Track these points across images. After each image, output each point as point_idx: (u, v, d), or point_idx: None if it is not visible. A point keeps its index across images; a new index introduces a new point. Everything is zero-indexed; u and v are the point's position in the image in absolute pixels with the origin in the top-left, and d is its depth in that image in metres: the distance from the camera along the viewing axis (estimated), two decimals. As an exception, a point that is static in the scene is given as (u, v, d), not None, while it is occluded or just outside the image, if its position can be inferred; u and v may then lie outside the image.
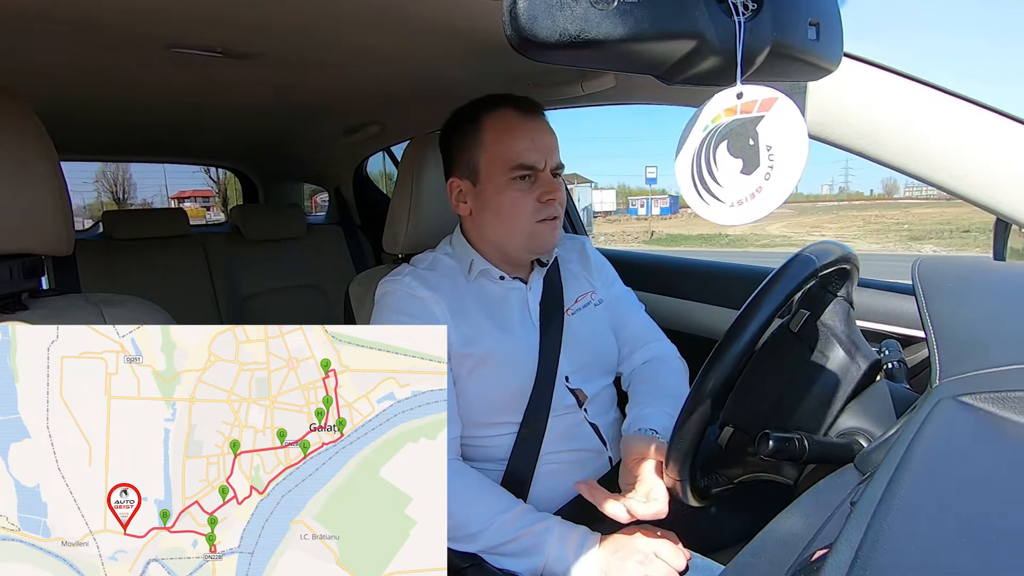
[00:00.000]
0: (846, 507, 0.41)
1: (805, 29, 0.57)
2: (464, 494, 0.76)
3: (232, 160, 2.51)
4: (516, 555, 0.72)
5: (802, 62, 0.60)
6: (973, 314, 0.54)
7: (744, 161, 0.56)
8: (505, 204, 0.85)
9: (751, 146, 0.56)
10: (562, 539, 0.72)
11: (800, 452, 0.54)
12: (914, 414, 0.45)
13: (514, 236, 0.87)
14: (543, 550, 0.72)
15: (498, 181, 0.85)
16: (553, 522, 0.74)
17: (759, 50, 0.53)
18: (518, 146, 0.84)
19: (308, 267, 2.13)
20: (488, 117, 0.86)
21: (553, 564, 0.71)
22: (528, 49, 0.44)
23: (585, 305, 0.96)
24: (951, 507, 0.32)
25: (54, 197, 0.64)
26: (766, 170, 0.55)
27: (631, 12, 0.44)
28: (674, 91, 0.95)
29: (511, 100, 0.87)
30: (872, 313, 0.98)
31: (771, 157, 0.55)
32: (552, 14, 0.43)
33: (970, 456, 0.37)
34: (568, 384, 0.89)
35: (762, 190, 0.55)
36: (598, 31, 0.44)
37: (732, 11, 0.49)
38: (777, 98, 0.54)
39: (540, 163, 0.84)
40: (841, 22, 0.63)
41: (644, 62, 0.51)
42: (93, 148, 2.12)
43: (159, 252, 1.90)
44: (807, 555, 0.37)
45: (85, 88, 1.19)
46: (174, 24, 0.84)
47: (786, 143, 0.54)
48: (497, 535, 0.73)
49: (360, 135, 1.70)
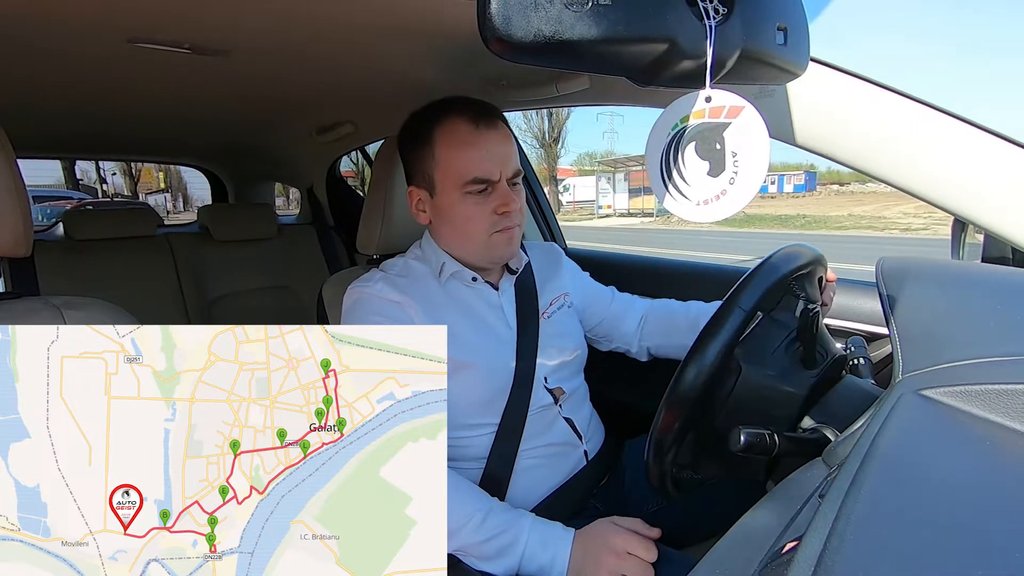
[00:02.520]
0: (815, 500, 0.43)
1: (774, 34, 0.59)
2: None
3: (200, 159, 2.45)
4: (491, 557, 0.72)
5: (770, 66, 0.62)
6: (934, 311, 0.56)
7: (711, 164, 0.58)
8: (460, 218, 0.84)
9: (717, 150, 0.58)
10: (535, 538, 0.72)
11: (771, 447, 0.55)
12: (878, 408, 0.47)
13: (471, 248, 0.87)
14: (516, 550, 0.72)
15: (452, 195, 0.83)
16: (527, 521, 0.74)
17: (729, 54, 0.55)
18: (471, 159, 0.81)
19: (280, 268, 2.09)
20: (440, 129, 0.83)
21: (527, 564, 0.71)
22: (502, 50, 0.45)
23: (559, 307, 0.97)
24: (915, 498, 0.33)
25: (11, 196, 0.62)
26: (731, 175, 0.58)
27: (605, 14, 0.45)
28: (648, 93, 0.96)
29: (463, 108, 0.84)
30: (838, 311, 1.01)
31: (736, 163, 0.57)
32: (526, 15, 0.43)
33: (932, 449, 0.38)
34: (547, 384, 0.90)
35: (727, 193, 0.58)
36: (572, 32, 0.44)
37: (703, 15, 0.50)
38: (744, 107, 0.56)
39: (495, 174, 0.82)
40: (808, 27, 0.65)
41: (618, 64, 0.52)
42: (52, 145, 2.04)
43: (123, 253, 1.83)
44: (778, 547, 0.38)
45: (43, 83, 1.14)
46: (137, 17, 0.81)
47: (750, 151, 0.57)
48: (471, 535, 0.72)
49: (333, 134, 1.68)
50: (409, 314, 0.83)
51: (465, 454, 0.86)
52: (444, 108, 0.85)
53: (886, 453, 0.37)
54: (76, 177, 20.51)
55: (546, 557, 0.71)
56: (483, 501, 0.76)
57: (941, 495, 0.33)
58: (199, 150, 2.28)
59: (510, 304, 0.92)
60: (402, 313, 0.83)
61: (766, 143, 0.56)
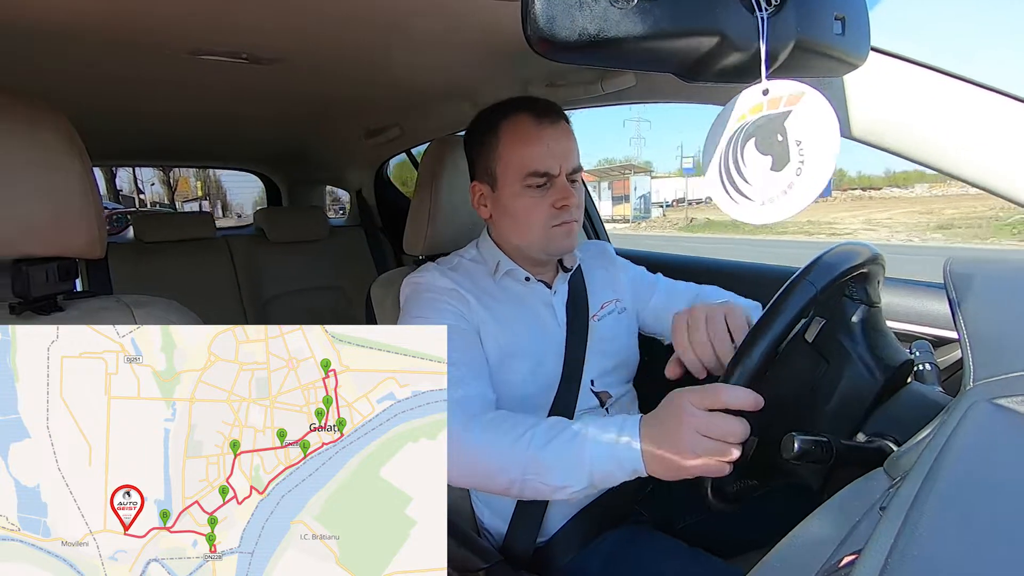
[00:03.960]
0: (875, 512, 0.40)
1: (831, 23, 0.56)
2: (495, 435, 0.68)
3: (256, 164, 2.56)
4: (556, 468, 0.64)
5: (828, 57, 0.59)
6: (1007, 314, 0.52)
7: (773, 158, 0.55)
8: (520, 210, 0.86)
9: (780, 142, 0.54)
10: (598, 434, 0.63)
11: (827, 455, 0.53)
12: (947, 417, 0.44)
13: (530, 241, 0.88)
14: (582, 456, 0.63)
15: (513, 188, 0.85)
16: (583, 420, 0.66)
17: (783, 46, 0.52)
18: (532, 153, 0.84)
19: (330, 269, 2.16)
20: (504, 124, 0.86)
21: (596, 465, 0.62)
22: (547, 49, 0.44)
23: (610, 312, 0.96)
24: (984, 513, 0.31)
25: (87, 202, 0.66)
26: (797, 165, 0.53)
27: (650, 10, 0.44)
28: (696, 89, 0.94)
29: (528, 105, 0.87)
30: (902, 313, 0.96)
31: (801, 152, 0.53)
32: (571, 14, 0.43)
33: (1005, 461, 0.36)
34: (593, 388, 0.89)
35: (793, 186, 0.53)
36: (617, 30, 0.43)
37: (754, 7, 0.49)
38: (804, 92, 0.53)
39: (555, 169, 0.84)
40: (868, 16, 0.62)
41: (664, 60, 0.50)
42: (122, 153, 2.18)
43: (187, 254, 1.94)
44: (835, 560, 0.36)
45: (113, 96, 1.22)
46: (198, 32, 0.86)
47: (816, 137, 0.52)
48: (525, 450, 0.65)
49: (381, 138, 1.72)
50: (466, 298, 0.85)
51: None
52: (510, 106, 0.88)
53: (955, 465, 0.35)
54: (116, 188, 21.64)
55: (612, 452, 0.61)
56: (533, 420, 0.69)
57: (1015, 512, 0.31)
58: (255, 155, 2.38)
59: (561, 303, 0.92)
60: (459, 299, 0.85)
61: (834, 124, 0.51)
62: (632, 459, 0.60)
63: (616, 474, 0.62)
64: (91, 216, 0.67)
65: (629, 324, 1.00)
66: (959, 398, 0.45)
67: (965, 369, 0.47)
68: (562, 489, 0.64)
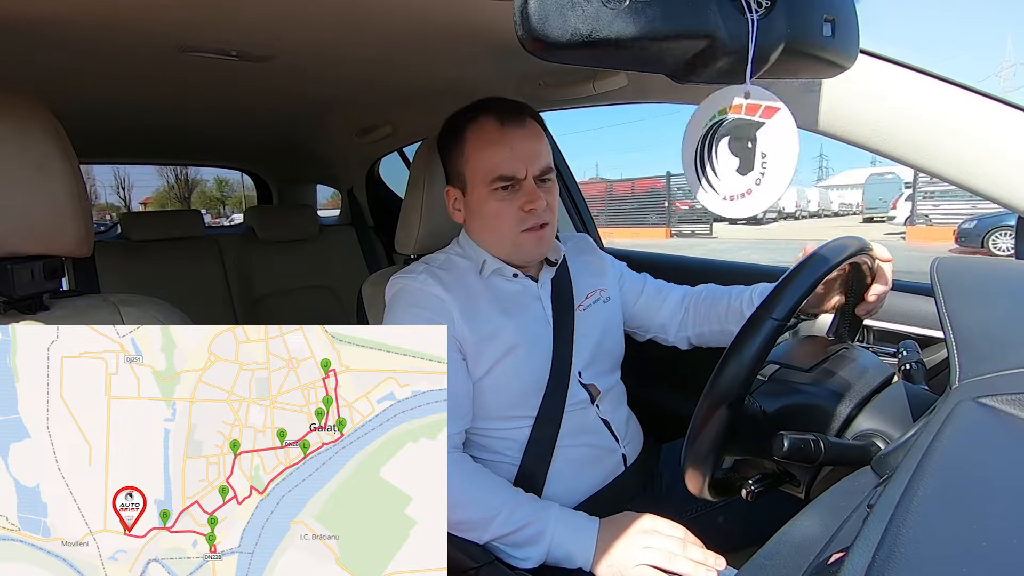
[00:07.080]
0: (863, 510, 0.41)
1: (820, 25, 0.57)
2: (471, 486, 0.77)
3: (247, 162, 2.54)
4: (521, 545, 0.74)
5: (817, 59, 0.59)
6: (993, 314, 0.53)
7: (740, 161, 0.58)
8: (488, 215, 0.86)
9: (748, 149, 0.58)
10: (561, 527, 0.74)
11: (815, 453, 0.53)
12: (933, 416, 0.44)
13: (500, 245, 0.88)
14: (544, 539, 0.73)
15: (481, 192, 0.85)
16: (553, 511, 0.76)
17: (772, 47, 0.53)
18: (496, 157, 0.83)
19: (321, 268, 2.14)
20: (470, 127, 0.86)
21: (555, 550, 0.73)
22: (539, 49, 0.44)
23: (595, 301, 0.97)
24: (971, 511, 0.31)
25: (74, 200, 0.65)
26: (758, 175, 0.57)
27: (642, 11, 0.44)
28: (688, 90, 0.94)
29: (493, 107, 0.86)
30: (890, 313, 0.97)
31: (764, 165, 0.57)
32: (563, 14, 0.43)
33: (991, 459, 0.36)
34: (581, 379, 0.90)
35: (752, 192, 0.58)
36: (609, 30, 0.43)
37: (745, 8, 0.49)
38: (779, 108, 0.56)
39: (520, 172, 0.83)
40: (857, 18, 0.62)
41: (656, 61, 0.51)
42: (111, 151, 2.15)
43: (175, 253, 1.92)
44: (823, 558, 0.37)
45: (101, 91, 1.21)
46: (188, 27, 0.85)
47: (778, 155, 0.56)
48: (501, 526, 0.74)
49: (372, 136, 1.71)
50: (448, 309, 0.85)
51: (502, 447, 0.86)
52: (476, 109, 0.87)
53: (941, 463, 0.35)
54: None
55: (573, 543, 0.73)
56: (512, 493, 0.78)
57: (1000, 510, 0.31)
58: (245, 153, 2.36)
59: (548, 296, 0.92)
60: (442, 307, 0.85)
61: (795, 150, 0.56)
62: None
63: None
64: (78, 214, 0.66)
65: (614, 313, 1.00)
66: (945, 397, 0.46)
67: (951, 368, 0.48)
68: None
